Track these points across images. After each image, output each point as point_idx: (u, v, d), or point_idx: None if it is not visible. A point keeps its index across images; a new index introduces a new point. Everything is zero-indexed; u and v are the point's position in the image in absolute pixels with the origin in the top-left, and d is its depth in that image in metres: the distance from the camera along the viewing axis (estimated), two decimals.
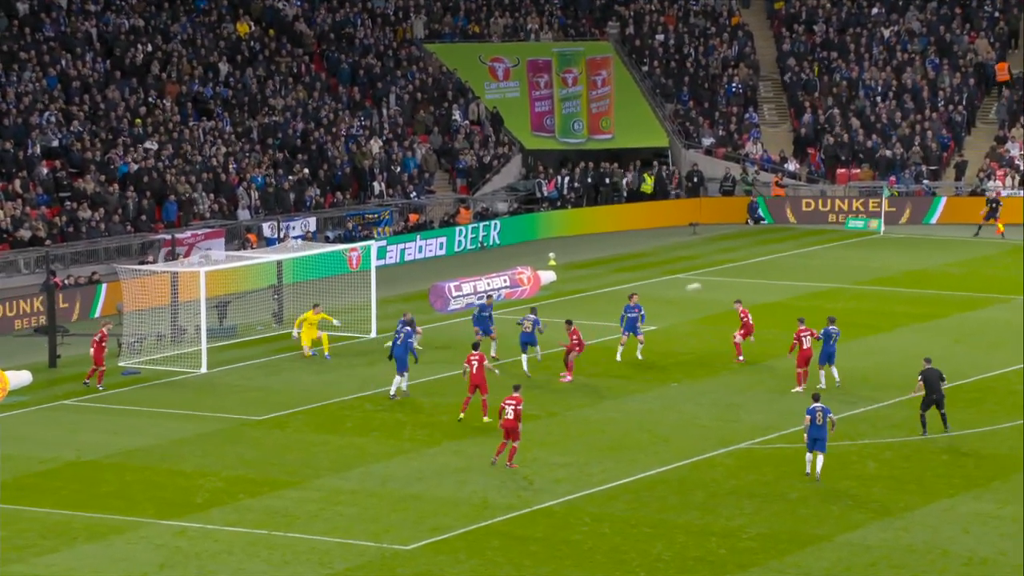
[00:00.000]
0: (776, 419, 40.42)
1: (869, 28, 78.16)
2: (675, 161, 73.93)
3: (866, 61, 76.65)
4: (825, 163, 73.29)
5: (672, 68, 76.98)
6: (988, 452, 37.59)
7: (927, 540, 32.03)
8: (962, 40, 76.79)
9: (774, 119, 76.41)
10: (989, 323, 50.39)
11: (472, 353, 40.16)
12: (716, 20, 79.46)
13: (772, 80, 77.65)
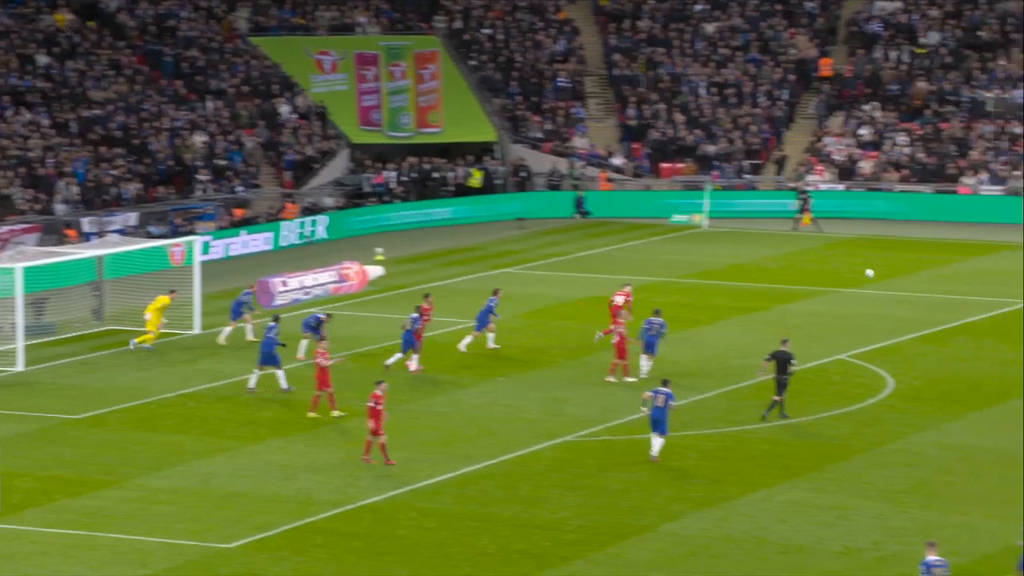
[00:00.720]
0: (600, 412, 40.76)
1: (693, 24, 79.12)
2: (503, 155, 74.22)
3: (690, 57, 77.60)
4: (650, 157, 74.08)
5: (500, 62, 77.25)
6: (805, 442, 38.23)
7: (745, 529, 32.50)
8: (782, 36, 78.10)
9: (600, 114, 77.01)
10: (807, 315, 51.26)
11: (318, 350, 40.15)
12: (543, 15, 79.88)
13: (598, 75, 78.25)
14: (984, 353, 46.12)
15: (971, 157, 70.82)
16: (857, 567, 30.39)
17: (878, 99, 74.61)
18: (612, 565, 30.74)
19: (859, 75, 75.72)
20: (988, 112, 72.50)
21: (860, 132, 73.52)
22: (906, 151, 71.93)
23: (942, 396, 41.71)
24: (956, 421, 39.56)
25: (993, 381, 43.00)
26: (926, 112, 73.44)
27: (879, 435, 38.53)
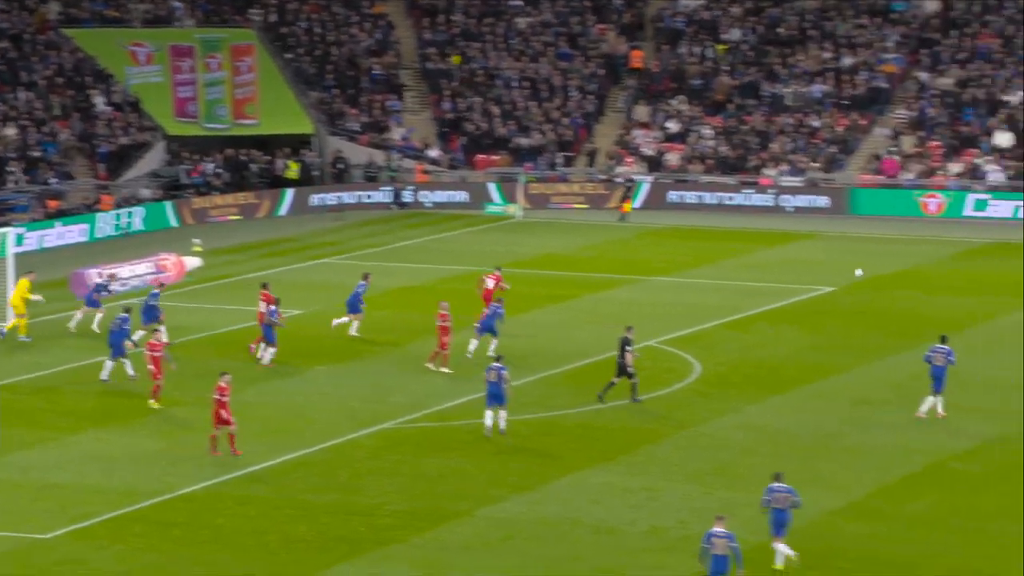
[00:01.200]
0: (419, 399, 40.84)
1: (506, 19, 79.54)
2: (320, 147, 73.93)
3: (503, 51, 78.00)
4: (465, 150, 74.35)
5: (315, 56, 76.90)
6: (617, 426, 38.67)
7: (559, 512, 32.82)
8: (591, 31, 78.89)
9: (416, 107, 77.07)
10: (618, 303, 51.83)
11: (151, 341, 39.75)
12: (358, 9, 79.67)
13: (413, 68, 78.29)
14: (783, 338, 47.07)
15: (772, 150, 72.16)
16: (664, 546, 30.87)
17: (684, 93, 75.69)
18: (429, 549, 30.86)
19: (665, 70, 76.75)
20: (788, 106, 73.94)
21: (667, 125, 74.53)
22: (710, 144, 73.07)
23: (745, 380, 42.48)
24: (758, 404, 40.31)
25: (792, 365, 43.90)
26: (729, 106, 74.68)
27: (686, 419, 39.15)
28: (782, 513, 29.51)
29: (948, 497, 33.46)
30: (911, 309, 50.42)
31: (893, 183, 68.89)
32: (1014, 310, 49.71)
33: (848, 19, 76.55)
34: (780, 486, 29.70)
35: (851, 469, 35.21)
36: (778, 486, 29.71)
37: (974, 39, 73.90)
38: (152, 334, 40.92)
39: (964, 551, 30.49)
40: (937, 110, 71.54)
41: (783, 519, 29.48)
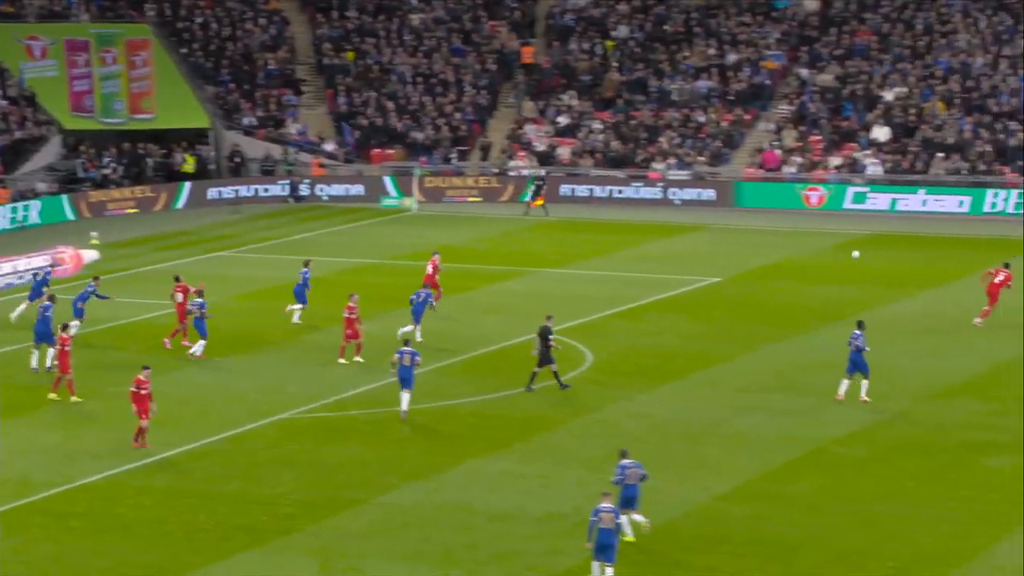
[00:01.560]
0: (316, 390, 40.71)
1: (399, 15, 79.43)
2: (217, 142, 73.43)
3: (397, 47, 77.89)
4: (361, 144, 74.18)
5: (211, 51, 76.35)
6: (511, 415, 38.78)
7: (455, 499, 32.86)
8: (484, 28, 78.97)
9: (312, 101, 76.78)
10: (512, 294, 51.94)
11: (61, 335, 39.49)
12: (252, 4, 79.22)
13: (309, 64, 77.99)
14: (672, 328, 47.39)
15: (660, 144, 72.61)
16: (559, 531, 31.00)
17: (574, 89, 75.99)
18: (327, 537, 30.79)
19: (555, 66, 77.01)
20: (674, 102, 74.43)
21: (558, 120, 74.77)
22: (600, 138, 73.39)
23: (635, 369, 42.73)
24: (648, 392, 40.56)
25: (680, 354, 44.22)
26: (618, 102, 75.05)
27: (579, 407, 39.32)
28: (633, 488, 30.03)
29: (830, 480, 33.87)
30: (793, 299, 50.97)
31: (776, 177, 69.58)
32: (892, 300, 50.41)
33: (732, 17, 77.20)
34: (630, 462, 30.22)
35: (737, 454, 35.54)
36: (628, 462, 30.22)
37: (852, 37, 74.81)
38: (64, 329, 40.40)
39: (847, 532, 30.89)
40: (817, 105, 72.34)
41: (634, 493, 30.01)
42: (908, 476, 33.97)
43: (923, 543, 30.26)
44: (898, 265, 56.13)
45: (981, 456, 35.19)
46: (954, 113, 70.17)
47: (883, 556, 29.63)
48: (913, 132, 69.98)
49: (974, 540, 30.33)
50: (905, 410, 38.71)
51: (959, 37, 73.05)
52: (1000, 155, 68.01)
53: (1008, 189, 66.15)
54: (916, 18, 74.56)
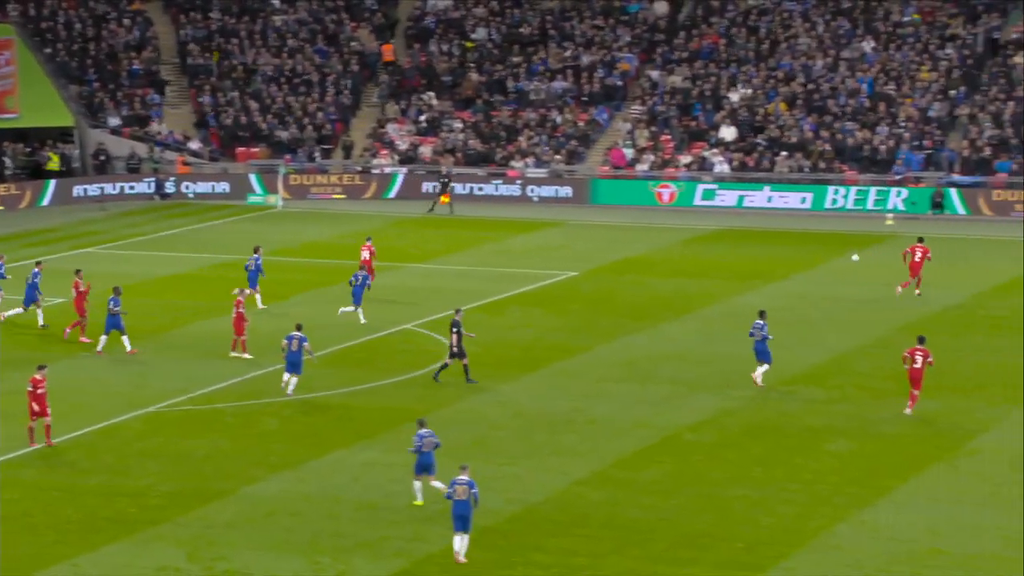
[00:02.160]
0: (183, 384, 40.34)
1: (263, 17, 78.92)
2: (81, 140, 72.43)
3: (261, 47, 77.37)
4: (225, 142, 73.60)
5: (75, 50, 75.30)
6: (377, 406, 38.73)
7: (322, 489, 32.77)
8: (346, 30, 78.74)
9: (176, 100, 75.98)
10: (377, 289, 51.74)
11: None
12: (116, 5, 78.23)
13: (173, 64, 77.20)
14: (533, 321, 47.62)
15: (518, 143, 72.88)
16: (424, 517, 31.03)
17: (434, 89, 76.00)
18: (195, 527, 30.57)
19: (416, 67, 76.97)
20: (532, 102, 74.72)
21: (419, 119, 74.73)
22: (461, 137, 73.48)
23: (498, 361, 42.87)
24: (510, 383, 40.73)
25: (540, 346, 44.45)
26: (477, 101, 75.18)
27: (443, 397, 39.35)
28: (429, 456, 31.33)
29: (682, 465, 34.29)
30: (647, 292, 51.44)
31: (630, 174, 70.15)
32: (739, 292, 51.07)
33: (585, 20, 77.69)
34: (426, 431, 31.49)
35: (593, 441, 35.84)
36: (424, 431, 31.48)
37: (700, 40, 75.65)
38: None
39: (697, 515, 31.30)
40: (668, 106, 73.06)
41: (430, 460, 31.34)
42: (755, 461, 34.49)
43: (768, 524, 30.76)
44: (745, 259, 56.89)
45: (822, 441, 35.83)
46: (796, 114, 71.25)
47: (732, 537, 30.08)
48: (758, 132, 70.96)
49: (816, 520, 30.90)
50: (751, 398, 39.27)
51: (800, 41, 74.19)
52: (839, 154, 69.21)
53: (847, 186, 67.35)
54: (760, 22, 75.60)
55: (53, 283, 47.64)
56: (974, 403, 38.40)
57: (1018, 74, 69.90)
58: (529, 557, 29.23)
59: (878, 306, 48.66)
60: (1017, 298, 49.08)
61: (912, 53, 72.27)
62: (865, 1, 74.99)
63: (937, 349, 42.29)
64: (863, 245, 59.03)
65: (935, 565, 28.69)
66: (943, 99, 70.11)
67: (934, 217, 65.16)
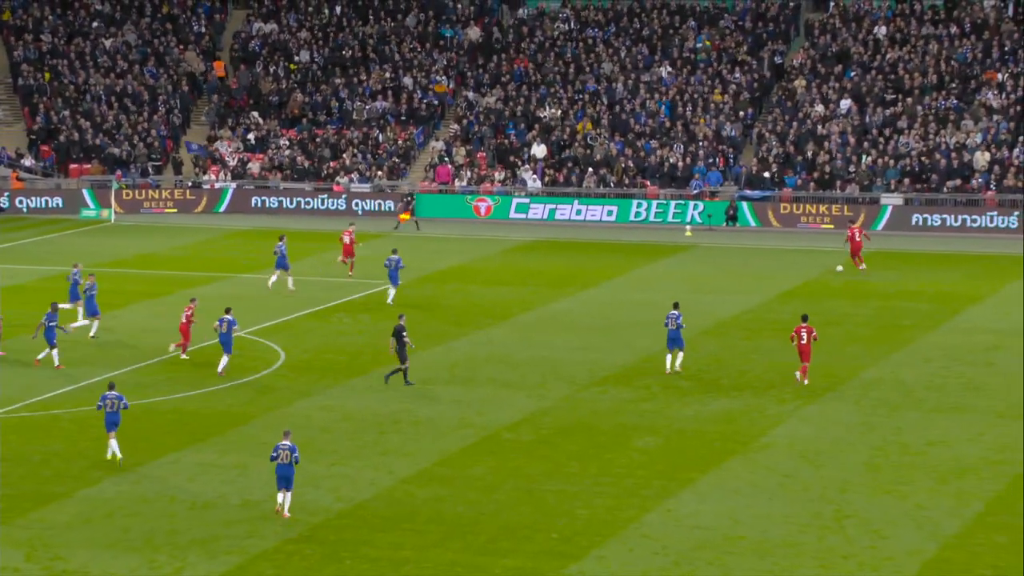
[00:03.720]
0: (19, 391, 39.24)
1: (92, 39, 77.45)
2: None
3: (92, 68, 75.88)
4: (58, 159, 72.04)
5: None
6: (209, 411, 38.08)
7: (157, 489, 32.11)
8: (174, 52, 77.59)
9: (9, 119, 74.24)
10: (211, 298, 50.89)
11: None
12: None
13: (5, 83, 75.41)
14: (359, 327, 47.28)
15: (343, 160, 72.40)
16: (256, 515, 30.62)
17: (261, 108, 75.21)
18: (34, 529, 29.76)
19: (243, 87, 76.10)
20: (355, 121, 74.32)
21: (248, 137, 73.86)
22: (287, 154, 72.78)
23: (327, 365, 42.48)
24: (338, 386, 40.38)
25: (367, 351, 44.14)
26: (303, 120, 74.56)
27: (274, 401, 38.85)
28: (116, 415, 33.36)
29: (502, 462, 34.28)
30: (467, 300, 51.41)
31: (449, 189, 70.13)
32: (553, 299, 51.31)
33: (404, 44, 77.54)
34: (112, 394, 33.44)
35: (418, 441, 35.67)
36: (111, 394, 33.45)
37: (512, 63, 75.97)
38: None
39: (517, 508, 31.31)
40: (483, 125, 73.21)
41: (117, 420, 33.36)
42: (569, 457, 34.63)
43: (583, 515, 30.90)
44: (557, 268, 57.21)
45: (631, 438, 36.11)
46: (601, 132, 71.92)
47: (549, 528, 30.15)
48: (566, 149, 71.47)
49: (626, 512, 31.11)
50: (565, 397, 39.44)
51: (603, 65, 74.93)
52: (641, 170, 70.04)
53: (649, 200, 68.16)
54: (566, 47, 76.18)
55: None
56: (766, 401, 39.04)
57: (800, 96, 71.47)
58: (358, 552, 28.95)
59: (681, 311, 49.23)
60: (801, 303, 50.11)
61: (705, 77, 73.46)
62: (662, 29, 76.03)
63: (731, 352, 42.99)
64: (666, 255, 59.80)
65: (734, 551, 29.06)
66: (734, 119, 71.36)
67: (728, 229, 66.26)
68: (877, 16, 74.29)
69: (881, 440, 35.64)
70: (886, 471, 33.42)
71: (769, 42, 74.46)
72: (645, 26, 76.31)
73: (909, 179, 66.89)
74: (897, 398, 39.22)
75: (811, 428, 36.70)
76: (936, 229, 64.49)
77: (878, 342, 44.85)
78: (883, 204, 65.88)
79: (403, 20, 78.75)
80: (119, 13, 79.17)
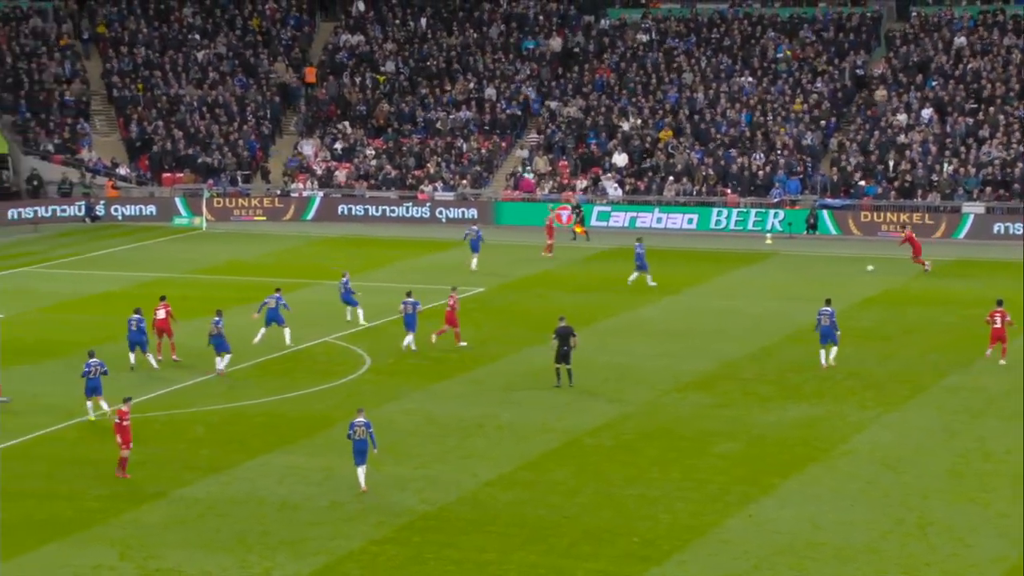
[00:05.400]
0: (116, 394, 39.61)
1: (185, 51, 78.29)
2: (15, 166, 71.39)
3: (184, 79, 76.70)
4: (152, 168, 72.87)
5: (8, 83, 74.35)
6: (297, 415, 38.33)
7: (247, 491, 32.38)
8: (264, 63, 78.27)
9: (105, 129, 75.17)
10: (298, 304, 51.33)
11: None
12: (46, 40, 77.24)
13: (101, 95, 76.39)
14: (444, 333, 47.29)
15: (427, 168, 72.68)
16: (342, 517, 30.78)
17: (348, 118, 75.67)
18: (129, 528, 30.12)
19: (331, 97, 76.61)
20: (439, 130, 74.58)
21: (335, 146, 74.34)
22: (373, 163, 73.17)
23: (411, 370, 42.62)
24: (422, 391, 40.49)
25: (451, 357, 44.19)
26: (389, 130, 74.94)
27: (360, 405, 38.80)
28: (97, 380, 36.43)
29: (583, 467, 34.22)
30: (549, 306, 51.34)
31: (530, 197, 70.15)
32: (634, 306, 51.16)
33: (487, 55, 77.72)
34: (95, 361, 36.34)
35: (501, 445, 35.70)
36: (93, 361, 36.34)
37: (593, 74, 75.89)
38: None
39: (598, 512, 31.25)
40: (564, 135, 73.19)
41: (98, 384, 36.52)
42: (651, 462, 34.51)
43: (664, 520, 30.77)
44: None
45: (712, 443, 35.92)
46: (682, 142, 71.64)
47: (630, 532, 30.05)
48: (647, 158, 71.26)
49: (707, 516, 30.95)
50: (646, 403, 39.31)
51: (684, 75, 74.65)
52: (721, 179, 69.68)
53: (729, 208, 67.80)
54: (647, 58, 75.98)
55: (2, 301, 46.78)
56: (847, 407, 38.69)
57: (881, 106, 70.81)
58: (442, 553, 29.02)
59: (761, 318, 48.99)
60: (881, 310, 49.63)
61: (786, 87, 72.99)
62: (743, 39, 75.65)
63: (812, 358, 42.64)
64: (746, 263, 59.49)
65: (815, 556, 28.83)
66: (815, 129, 70.84)
67: (809, 237, 65.79)
68: (959, 26, 73.47)
69: (963, 447, 35.24)
70: (968, 478, 33.03)
71: (850, 52, 73.86)
72: (726, 36, 75.97)
73: (991, 188, 66.10)
74: (979, 405, 38.76)
75: (893, 435, 36.34)
76: (1017, 238, 63.65)
77: (959, 349, 44.34)
78: (964, 213, 65.16)
79: (486, 32, 78.95)
80: (211, 25, 79.99)
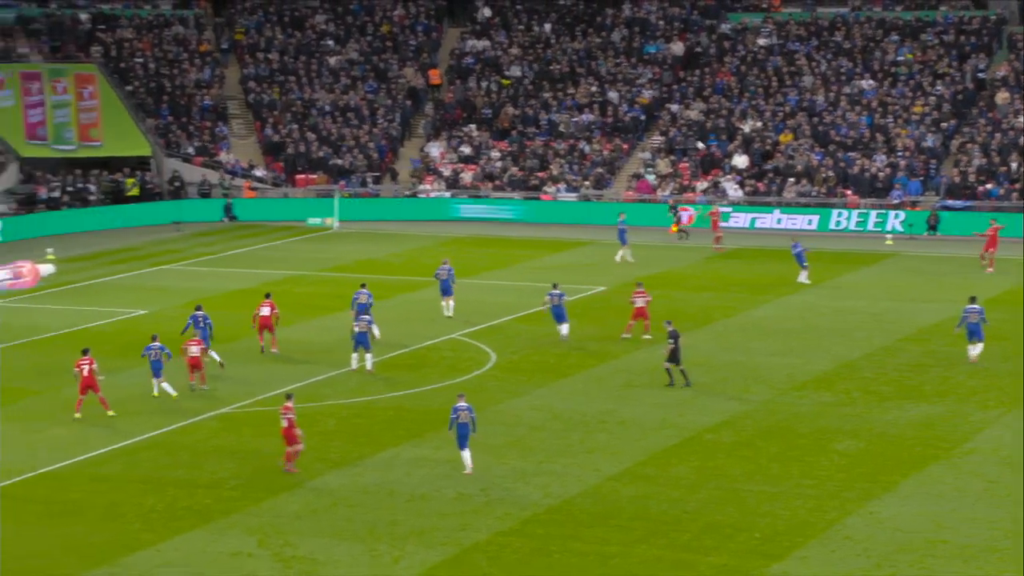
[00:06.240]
0: (252, 387, 40.36)
1: (318, 56, 79.25)
2: (158, 168, 72.77)
3: (317, 84, 77.68)
4: (287, 170, 73.88)
5: (151, 88, 75.77)
6: (424, 409, 38.66)
7: (377, 482, 32.75)
8: (393, 67, 78.97)
9: (242, 132, 76.33)
10: (424, 302, 51.82)
11: (82, 358, 37.39)
12: (186, 47, 78.60)
13: (238, 99, 77.57)
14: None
15: (550, 170, 72.83)
16: (469, 509, 31.01)
17: (474, 121, 76.10)
18: (265, 517, 30.61)
19: (458, 101, 77.08)
20: (562, 133, 74.70)
21: (461, 149, 74.79)
22: (498, 165, 73.50)
23: (535, 367, 42.79)
24: (546, 387, 40.63)
25: (574, 354, 44.31)
26: (513, 132, 75.23)
27: (485, 400, 39.23)
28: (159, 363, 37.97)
29: (704, 462, 34.12)
30: (669, 305, 51.19)
31: (651, 198, 69.98)
32: (753, 306, 50.86)
33: (609, 59, 77.67)
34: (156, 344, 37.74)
35: (624, 440, 35.71)
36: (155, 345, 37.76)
37: (714, 77, 75.51)
38: None
39: (719, 508, 31.15)
40: (685, 137, 72.91)
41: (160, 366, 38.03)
42: (770, 459, 34.31)
43: (784, 516, 30.58)
44: (758, 275, 56.67)
45: (832, 441, 35.62)
46: (802, 143, 71.01)
47: (751, 528, 29.92)
48: (768, 160, 70.76)
49: (828, 513, 30.71)
50: (765, 401, 39.08)
51: (805, 78, 73.97)
52: (841, 180, 68.95)
53: (849, 209, 67.07)
54: (768, 61, 75.42)
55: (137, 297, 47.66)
56: (968, 407, 38.14)
57: (1002, 109, 69.56)
58: (566, 545, 29.13)
59: (880, 318, 48.45)
60: (1002, 311, 48.77)
61: (906, 89, 72.02)
62: (864, 42, 74.78)
63: (932, 358, 42.06)
64: (866, 263, 58.81)
65: (937, 554, 28.48)
66: (935, 131, 69.81)
67: (929, 238, 64.86)
68: None
69: None
70: None
71: (972, 55, 72.66)
72: (846, 39, 75.16)
73: None
74: None
75: (1015, 435, 35.74)
76: None
77: None
78: None
79: (609, 36, 78.92)
80: (343, 32, 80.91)
